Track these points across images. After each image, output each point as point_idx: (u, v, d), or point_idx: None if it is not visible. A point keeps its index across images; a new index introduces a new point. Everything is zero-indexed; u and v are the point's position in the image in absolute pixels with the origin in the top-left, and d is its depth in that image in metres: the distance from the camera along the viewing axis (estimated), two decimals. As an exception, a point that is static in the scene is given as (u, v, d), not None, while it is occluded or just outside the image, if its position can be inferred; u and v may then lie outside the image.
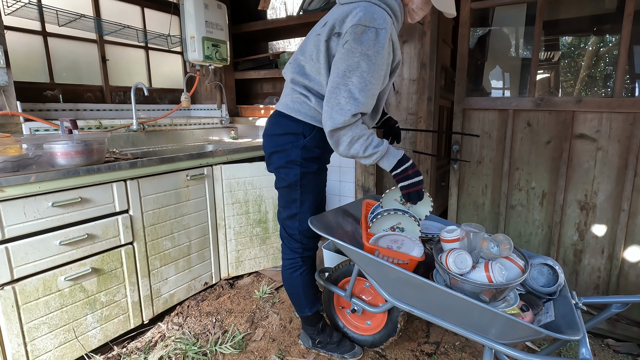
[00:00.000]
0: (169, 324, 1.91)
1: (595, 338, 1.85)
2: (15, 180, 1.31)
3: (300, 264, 1.53)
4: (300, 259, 1.53)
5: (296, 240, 1.50)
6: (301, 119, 1.33)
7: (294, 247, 1.52)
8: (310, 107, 1.32)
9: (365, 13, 1.14)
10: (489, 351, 1.16)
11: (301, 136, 1.34)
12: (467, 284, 1.12)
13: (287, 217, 1.48)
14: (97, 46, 2.40)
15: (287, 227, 1.50)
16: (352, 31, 1.13)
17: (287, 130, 1.36)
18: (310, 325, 1.65)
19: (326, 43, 1.22)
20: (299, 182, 1.39)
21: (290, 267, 1.54)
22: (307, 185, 1.41)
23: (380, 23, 1.14)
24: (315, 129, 1.35)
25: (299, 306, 1.60)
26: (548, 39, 2.68)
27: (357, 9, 1.15)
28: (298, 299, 1.58)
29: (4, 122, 1.81)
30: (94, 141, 1.57)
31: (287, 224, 1.50)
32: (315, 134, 1.35)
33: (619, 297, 1.22)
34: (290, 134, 1.36)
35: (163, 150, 2.36)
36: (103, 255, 1.62)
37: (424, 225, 1.61)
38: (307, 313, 1.60)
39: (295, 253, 1.52)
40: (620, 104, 1.72)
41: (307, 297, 1.57)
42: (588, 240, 1.89)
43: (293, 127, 1.35)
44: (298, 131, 1.34)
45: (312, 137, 1.35)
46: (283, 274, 1.58)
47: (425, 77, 2.24)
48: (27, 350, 1.41)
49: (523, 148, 1.98)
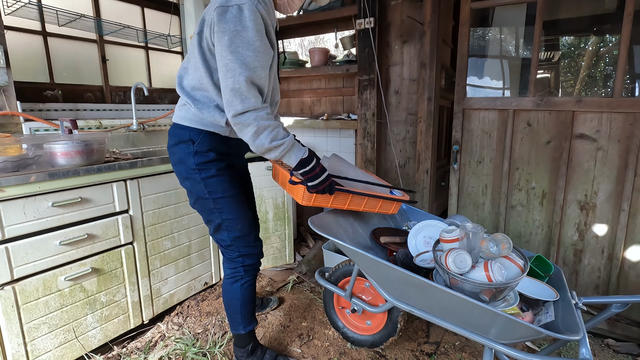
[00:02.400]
0: (169, 324, 1.91)
1: (595, 338, 1.85)
2: (15, 180, 1.31)
3: (242, 274, 1.44)
4: (242, 269, 1.44)
5: (233, 250, 1.42)
6: (186, 125, 1.30)
7: (233, 256, 1.43)
8: (191, 112, 1.29)
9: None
10: (489, 351, 1.16)
11: (190, 142, 1.30)
12: (467, 284, 1.12)
13: (214, 231, 1.41)
14: (97, 46, 2.40)
15: (220, 240, 1.43)
16: (215, 15, 1.13)
17: (178, 140, 1.33)
18: (241, 346, 1.52)
19: (198, 36, 1.23)
20: (204, 190, 1.33)
21: (232, 276, 1.45)
22: (216, 190, 1.33)
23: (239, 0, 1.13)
24: (202, 132, 1.30)
25: (233, 321, 1.49)
26: (548, 39, 2.68)
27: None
28: (234, 313, 1.47)
29: (4, 122, 1.81)
30: (94, 141, 1.57)
31: (218, 238, 1.43)
32: (202, 137, 1.30)
33: (619, 297, 1.22)
34: (181, 142, 1.32)
35: (163, 150, 2.36)
36: (103, 255, 1.62)
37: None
38: (241, 331, 1.49)
39: (236, 263, 1.44)
40: (620, 104, 1.72)
41: (243, 313, 1.47)
42: (588, 240, 1.89)
43: (181, 135, 1.31)
44: (186, 138, 1.30)
45: (201, 141, 1.30)
46: (223, 285, 1.49)
47: (425, 77, 2.24)
48: (27, 350, 1.41)
49: (523, 148, 1.98)
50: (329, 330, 1.86)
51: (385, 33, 2.39)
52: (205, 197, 1.34)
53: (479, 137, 2.10)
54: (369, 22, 2.29)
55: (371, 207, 1.48)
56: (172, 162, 1.39)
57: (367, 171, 1.67)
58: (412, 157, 2.44)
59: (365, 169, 2.52)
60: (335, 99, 2.95)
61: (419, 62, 2.30)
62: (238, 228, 1.40)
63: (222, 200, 1.35)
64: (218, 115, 1.27)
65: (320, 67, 2.71)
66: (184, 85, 1.31)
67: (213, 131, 1.31)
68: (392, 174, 2.55)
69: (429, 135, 2.29)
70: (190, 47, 1.30)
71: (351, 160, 2.81)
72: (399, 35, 2.35)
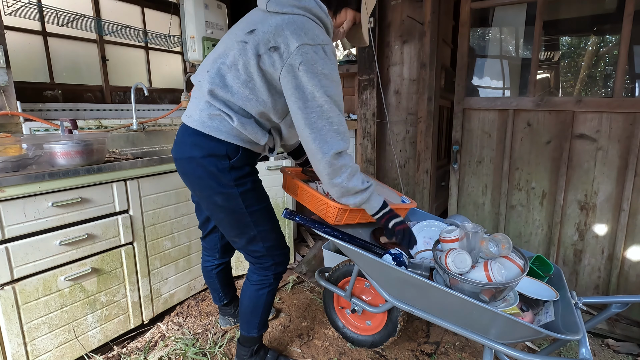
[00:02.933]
0: (169, 324, 1.91)
1: (595, 338, 1.85)
2: (15, 180, 1.31)
3: (271, 281, 1.43)
4: (272, 277, 1.42)
5: (267, 259, 1.39)
6: (222, 139, 1.19)
7: (266, 265, 1.40)
8: (230, 125, 1.18)
9: (304, 31, 1.09)
10: (489, 351, 1.16)
11: (226, 158, 1.21)
12: (467, 284, 1.12)
13: (246, 243, 1.36)
14: (97, 46, 2.40)
15: (252, 252, 1.39)
16: (300, 52, 1.07)
17: (209, 152, 1.20)
18: (248, 346, 1.52)
19: (258, 57, 1.12)
20: (242, 205, 1.26)
21: (259, 283, 1.42)
22: (252, 204, 1.29)
23: (323, 39, 1.12)
24: (240, 149, 1.23)
25: (249, 324, 1.47)
26: (548, 39, 2.68)
27: (293, 26, 1.09)
28: (254, 318, 1.46)
29: (4, 122, 1.81)
30: (94, 141, 1.57)
31: (250, 249, 1.38)
32: (241, 154, 1.23)
33: (619, 297, 1.22)
34: (212, 155, 1.20)
35: (163, 150, 2.36)
36: (103, 255, 1.62)
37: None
38: (254, 334, 1.48)
39: (269, 271, 1.41)
40: (620, 104, 1.72)
41: (262, 318, 1.47)
42: (588, 240, 1.89)
43: (214, 148, 1.20)
44: (222, 153, 1.20)
45: (239, 157, 1.23)
46: (247, 291, 1.45)
47: (425, 77, 2.24)
48: (27, 350, 1.41)
49: (523, 148, 1.98)
50: (329, 330, 1.86)
51: (385, 33, 2.39)
52: (241, 211, 1.28)
53: (479, 137, 2.10)
54: (368, 22, 2.29)
55: None
56: (197, 175, 1.25)
57: (381, 183, 1.77)
58: (412, 157, 2.44)
59: (371, 175, 2.53)
60: (335, 99, 2.94)
61: (419, 62, 2.30)
62: (272, 238, 1.38)
63: (258, 213, 1.31)
64: (260, 133, 1.22)
65: (320, 67, 2.71)
66: (220, 96, 1.18)
67: (250, 148, 1.26)
68: (392, 174, 2.55)
69: (429, 135, 2.29)
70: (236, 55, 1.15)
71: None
72: (399, 35, 2.35)
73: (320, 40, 1.10)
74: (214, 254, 1.67)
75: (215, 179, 1.23)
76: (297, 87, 1.10)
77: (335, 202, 1.31)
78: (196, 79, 1.23)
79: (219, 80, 1.17)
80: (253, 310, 1.46)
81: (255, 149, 1.28)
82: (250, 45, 1.12)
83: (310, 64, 1.08)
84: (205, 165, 1.22)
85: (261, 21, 1.15)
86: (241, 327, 1.51)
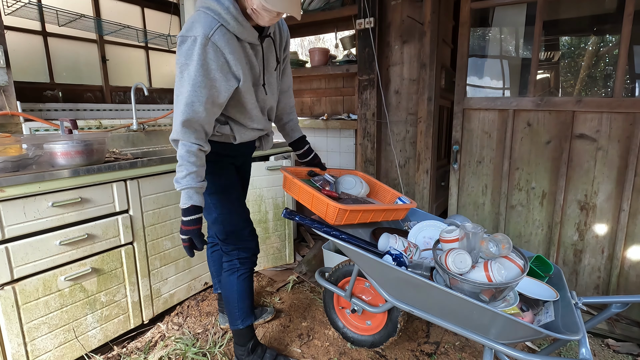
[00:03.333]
0: (169, 324, 1.91)
1: (595, 338, 1.85)
2: (15, 180, 1.31)
3: (237, 266, 1.49)
4: (237, 261, 1.49)
5: (228, 243, 1.48)
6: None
7: (229, 249, 1.49)
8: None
9: (188, 22, 1.17)
10: (489, 351, 1.16)
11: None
12: (467, 284, 1.12)
13: (211, 223, 1.47)
14: (97, 46, 2.40)
15: (216, 233, 1.48)
16: (178, 42, 1.18)
17: None
18: (241, 344, 1.53)
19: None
20: None
21: (228, 269, 1.50)
22: (211, 186, 1.37)
23: (196, 31, 1.13)
24: (213, 142, 1.37)
25: (231, 316, 1.51)
26: (548, 39, 2.68)
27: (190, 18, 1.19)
28: (232, 307, 1.50)
29: (4, 122, 1.81)
30: (94, 141, 1.57)
31: (214, 230, 1.49)
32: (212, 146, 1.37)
33: (619, 297, 1.22)
34: None
35: (163, 150, 2.36)
36: (103, 255, 1.62)
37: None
38: (239, 326, 1.50)
39: (231, 255, 1.50)
40: (620, 104, 1.72)
41: (241, 307, 1.49)
42: (588, 240, 1.89)
43: None
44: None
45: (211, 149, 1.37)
46: (221, 279, 1.54)
47: (425, 77, 2.24)
48: (27, 350, 1.41)
49: (523, 148, 1.98)
50: (329, 330, 1.86)
51: (385, 33, 2.39)
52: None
53: (479, 137, 2.10)
54: (369, 22, 2.29)
55: (386, 217, 1.60)
56: None
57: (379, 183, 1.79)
58: (412, 157, 2.44)
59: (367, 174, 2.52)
60: (335, 99, 2.95)
61: (419, 62, 2.30)
62: (233, 222, 1.46)
63: (217, 196, 1.42)
64: (226, 130, 1.37)
65: (320, 67, 2.71)
66: None
67: (217, 140, 1.39)
68: (392, 174, 2.55)
69: (429, 135, 2.29)
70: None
71: (351, 159, 2.81)
72: (399, 35, 2.35)
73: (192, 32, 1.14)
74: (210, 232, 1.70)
75: None
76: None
77: (335, 203, 1.31)
78: None
79: None
80: (229, 298, 1.51)
81: (219, 140, 1.40)
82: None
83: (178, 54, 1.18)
84: None
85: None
86: (229, 323, 1.55)
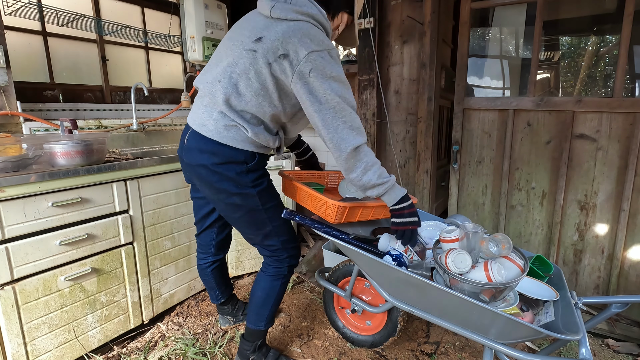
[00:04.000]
0: (169, 324, 1.91)
1: (595, 338, 1.85)
2: (15, 180, 1.31)
3: (285, 273, 1.50)
4: (287, 268, 1.49)
5: (282, 252, 1.47)
6: (240, 147, 1.27)
7: (282, 257, 1.48)
8: (245, 135, 1.26)
9: (310, 38, 1.14)
10: (489, 351, 1.16)
11: (244, 163, 1.29)
12: (467, 284, 1.12)
13: (263, 238, 1.44)
14: (97, 46, 2.40)
15: (268, 246, 1.46)
16: (309, 59, 1.13)
17: (228, 159, 1.27)
18: (251, 340, 1.54)
19: (269, 65, 1.16)
20: (258, 202, 1.34)
21: (275, 274, 1.49)
22: (267, 201, 1.37)
23: (327, 44, 1.18)
24: (256, 155, 1.32)
25: (258, 316, 1.51)
26: (548, 39, 2.68)
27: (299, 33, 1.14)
28: (263, 309, 1.50)
29: (4, 122, 1.81)
30: (94, 141, 1.57)
31: (266, 244, 1.46)
32: (258, 159, 1.32)
33: (619, 297, 1.22)
34: (231, 162, 1.28)
35: (163, 150, 2.36)
36: (103, 255, 1.62)
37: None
38: (261, 327, 1.51)
39: (283, 262, 1.48)
40: (620, 104, 1.72)
41: (272, 311, 1.52)
42: (588, 240, 1.89)
43: (233, 156, 1.27)
44: (240, 159, 1.28)
45: (256, 162, 1.32)
46: (261, 281, 1.50)
47: (425, 77, 2.24)
48: (27, 350, 1.41)
49: (523, 148, 1.98)
50: (329, 330, 1.86)
51: (385, 33, 2.39)
52: (258, 208, 1.36)
53: (479, 137, 2.10)
54: (369, 22, 2.29)
55: (387, 214, 1.51)
56: (214, 180, 1.30)
57: None
58: (412, 157, 2.44)
59: None
60: (335, 99, 2.94)
61: (419, 62, 2.30)
62: (286, 232, 1.46)
63: (272, 209, 1.40)
64: (271, 139, 1.31)
65: (320, 67, 2.71)
66: (234, 106, 1.23)
67: (263, 152, 1.36)
68: (392, 173, 2.55)
69: (429, 135, 2.29)
70: (246, 64, 1.19)
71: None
72: (399, 35, 2.35)
73: (325, 46, 1.16)
74: (208, 250, 1.68)
75: (233, 182, 1.30)
76: (309, 92, 1.16)
77: (333, 201, 1.31)
78: (207, 88, 1.26)
79: (231, 90, 1.21)
80: (265, 301, 1.50)
81: (267, 152, 1.39)
82: (259, 53, 1.17)
83: (319, 69, 1.14)
84: (222, 171, 1.28)
85: (266, 28, 1.18)
86: (248, 321, 1.54)
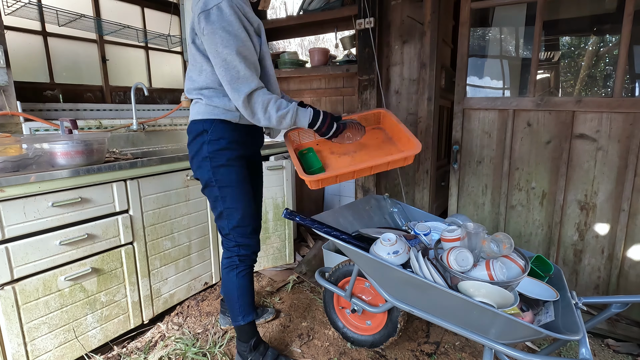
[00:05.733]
0: (169, 324, 1.91)
1: (595, 338, 1.85)
2: (15, 180, 1.31)
3: (237, 263, 1.49)
4: (237, 258, 1.49)
5: (230, 239, 1.49)
6: (200, 118, 1.39)
7: (230, 245, 1.50)
8: (204, 105, 1.38)
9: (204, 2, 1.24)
10: (489, 351, 1.16)
11: (204, 133, 1.38)
12: (469, 282, 1.12)
13: (216, 217, 1.49)
14: (97, 46, 2.40)
15: (220, 227, 1.50)
16: (202, 19, 1.24)
17: (194, 134, 1.41)
18: (244, 340, 1.54)
19: (194, 44, 1.34)
20: (212, 178, 1.41)
21: (228, 265, 1.50)
22: (222, 179, 1.41)
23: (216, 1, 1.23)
24: (214, 122, 1.38)
25: (233, 312, 1.52)
26: (548, 39, 2.68)
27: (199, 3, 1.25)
28: (233, 303, 1.51)
29: (4, 122, 1.81)
30: (94, 141, 1.57)
31: (218, 225, 1.50)
32: (215, 126, 1.38)
33: (619, 297, 1.22)
34: (197, 135, 1.40)
35: (163, 150, 2.36)
36: (103, 255, 1.62)
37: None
38: (240, 322, 1.51)
39: (232, 252, 1.50)
40: (620, 104, 1.72)
41: (241, 303, 1.50)
42: (588, 240, 1.89)
43: (196, 128, 1.40)
44: (200, 130, 1.39)
45: (213, 129, 1.38)
46: (222, 276, 1.55)
47: (425, 77, 2.24)
48: (27, 350, 1.41)
49: (523, 148, 1.98)
50: (329, 330, 1.86)
51: (385, 33, 2.39)
52: (212, 184, 1.42)
53: (479, 137, 2.10)
54: (369, 22, 2.29)
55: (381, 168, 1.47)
56: (190, 157, 1.46)
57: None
58: (412, 157, 2.44)
59: None
60: (335, 99, 2.95)
61: (419, 62, 2.30)
62: (237, 218, 1.46)
63: (226, 189, 1.42)
64: (227, 101, 1.36)
65: (320, 67, 2.71)
66: (192, 89, 1.41)
67: (224, 119, 1.39)
68: (392, 173, 2.55)
69: (429, 135, 2.29)
70: (189, 57, 1.40)
71: (351, 160, 2.81)
72: (399, 35, 2.35)
73: (212, 4, 1.23)
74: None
75: (198, 154, 1.41)
76: (209, 49, 1.27)
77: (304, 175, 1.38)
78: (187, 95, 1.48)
79: (189, 83, 1.42)
80: (229, 295, 1.51)
81: (232, 119, 1.40)
82: (189, 40, 1.35)
83: (208, 26, 1.23)
84: (192, 146, 1.43)
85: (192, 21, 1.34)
86: (231, 320, 1.55)
